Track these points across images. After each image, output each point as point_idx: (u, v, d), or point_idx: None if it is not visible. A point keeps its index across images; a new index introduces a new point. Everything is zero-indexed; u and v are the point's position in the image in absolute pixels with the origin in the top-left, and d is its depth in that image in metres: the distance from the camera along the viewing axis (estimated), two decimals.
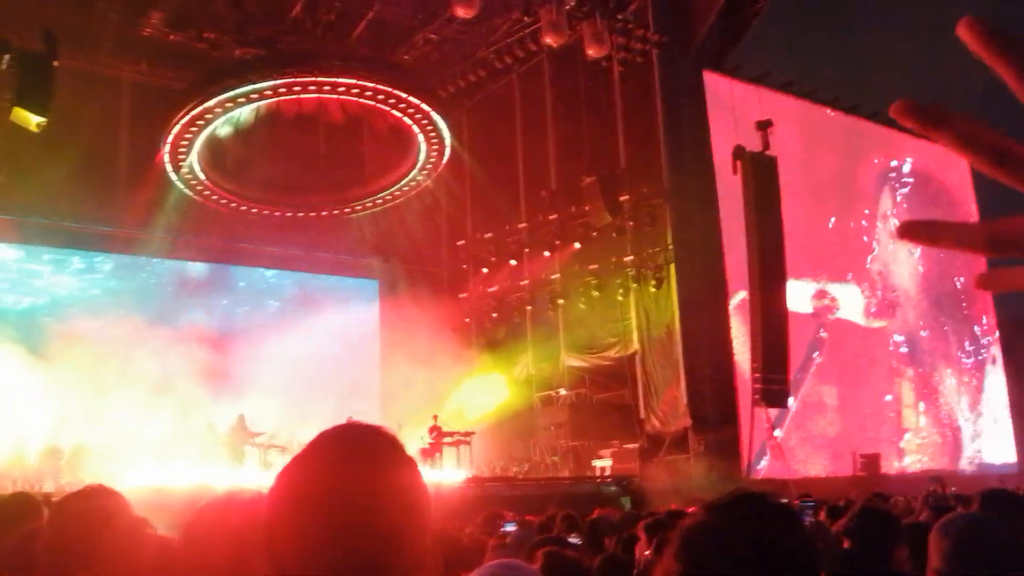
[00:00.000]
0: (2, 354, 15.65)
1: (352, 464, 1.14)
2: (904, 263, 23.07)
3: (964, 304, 24.30)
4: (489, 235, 21.63)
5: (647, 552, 5.01)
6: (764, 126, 17.51)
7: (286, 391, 17.85)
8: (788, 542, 1.35)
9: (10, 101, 13.62)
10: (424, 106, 18.65)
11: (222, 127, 18.79)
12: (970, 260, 24.19)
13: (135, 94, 19.13)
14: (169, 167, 18.95)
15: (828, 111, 22.11)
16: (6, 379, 15.44)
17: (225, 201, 20.27)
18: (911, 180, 24.00)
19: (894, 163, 23.66)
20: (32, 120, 13.50)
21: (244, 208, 20.52)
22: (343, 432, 1.21)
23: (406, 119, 19.14)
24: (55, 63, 13.76)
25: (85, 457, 15.84)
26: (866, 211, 22.60)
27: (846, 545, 3.67)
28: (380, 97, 18.28)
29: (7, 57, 13.44)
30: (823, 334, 20.48)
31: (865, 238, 22.39)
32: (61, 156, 16.46)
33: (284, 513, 1.13)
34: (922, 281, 23.37)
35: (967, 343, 24.18)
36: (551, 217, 20.40)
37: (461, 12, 16.23)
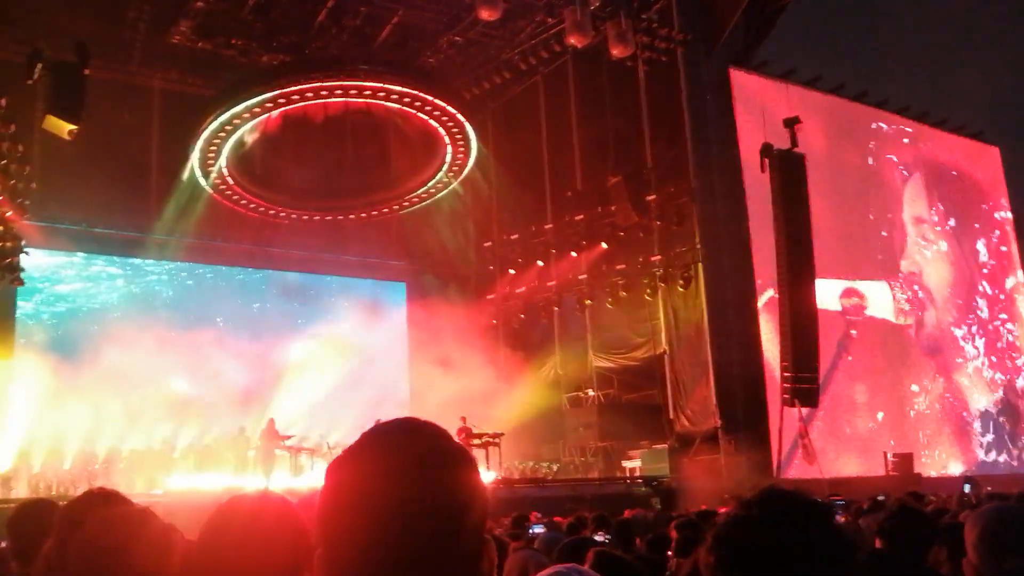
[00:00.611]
0: (37, 359, 15.88)
1: (408, 461, 1.10)
2: (935, 263, 22.73)
3: (997, 304, 23.92)
4: (515, 236, 21.63)
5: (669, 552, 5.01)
6: (791, 123, 17.36)
7: (315, 394, 17.98)
8: (820, 536, 1.35)
9: (43, 109, 13.88)
10: (450, 109, 18.70)
11: (250, 133, 18.99)
12: (998, 263, 23.83)
13: (165, 102, 19.38)
14: (199, 173, 19.17)
15: (856, 106, 21.87)
16: (41, 384, 15.67)
17: (254, 206, 20.46)
18: (941, 175, 23.66)
19: (923, 159, 23.32)
20: (64, 127, 13.74)
21: (272, 212, 20.71)
22: (399, 427, 1.16)
23: (432, 122, 19.21)
24: (86, 72, 13.99)
25: (118, 462, 16.05)
26: (895, 208, 22.33)
27: (878, 544, 3.63)
28: (406, 100, 18.36)
29: (40, 66, 13.71)
30: (853, 332, 20.26)
31: (894, 236, 22.10)
32: (93, 164, 16.70)
33: (339, 511, 1.10)
34: (954, 281, 23.01)
35: (998, 343, 23.78)
36: (577, 217, 20.36)
37: (485, 15, 16.25)
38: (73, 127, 13.78)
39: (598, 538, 5.99)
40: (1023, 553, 2.27)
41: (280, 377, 18.32)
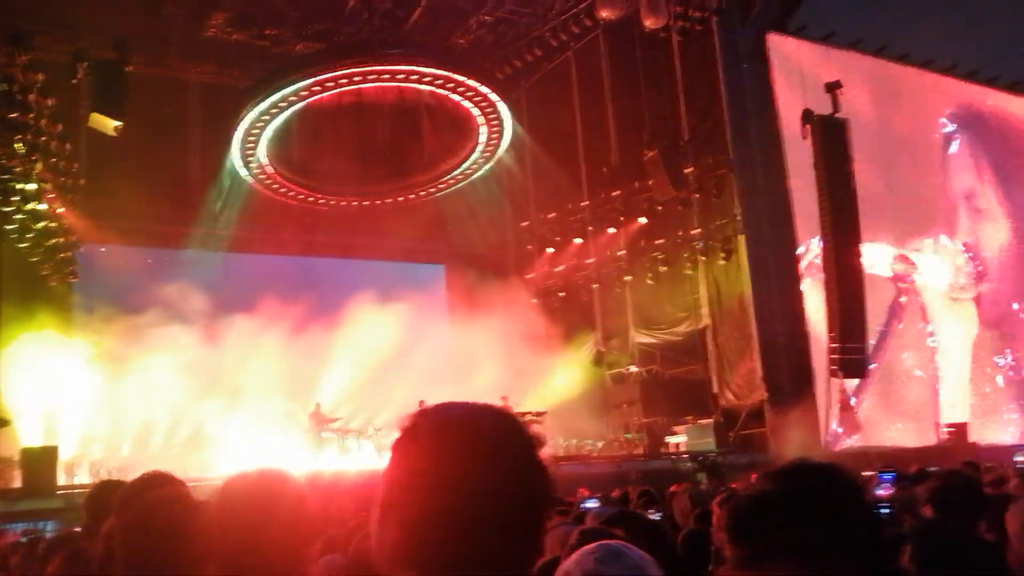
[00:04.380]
0: (94, 351, 16.29)
1: (480, 440, 1.15)
2: (992, 230, 21.93)
3: None
4: (553, 215, 21.55)
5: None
6: (833, 87, 16.97)
7: (359, 378, 18.18)
8: (844, 512, 1.35)
9: (88, 107, 14.18)
10: (482, 89, 18.62)
11: (287, 121, 19.17)
12: None
13: (203, 95, 19.63)
14: (239, 163, 19.42)
15: (900, 68, 21.15)
16: (99, 375, 16.09)
17: (293, 193, 20.64)
18: (994, 136, 22.78)
19: (974, 119, 22.44)
20: (109, 124, 14.04)
21: (311, 200, 20.89)
22: (465, 409, 1.20)
23: (465, 103, 19.15)
24: (127, 69, 14.26)
25: (173, 447, 16.46)
26: (947, 174, 21.61)
27: (928, 512, 3.56)
28: (439, 83, 18.32)
29: (83, 66, 14.00)
30: (903, 299, 19.82)
31: (947, 203, 21.39)
32: (137, 158, 17.07)
33: (417, 488, 1.13)
34: (1013, 248, 22.19)
35: None
36: (614, 193, 20.22)
37: None
38: (118, 123, 14.09)
39: (652, 516, 5.96)
40: None
41: (325, 362, 18.54)
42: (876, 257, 18.51)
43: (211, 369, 16.91)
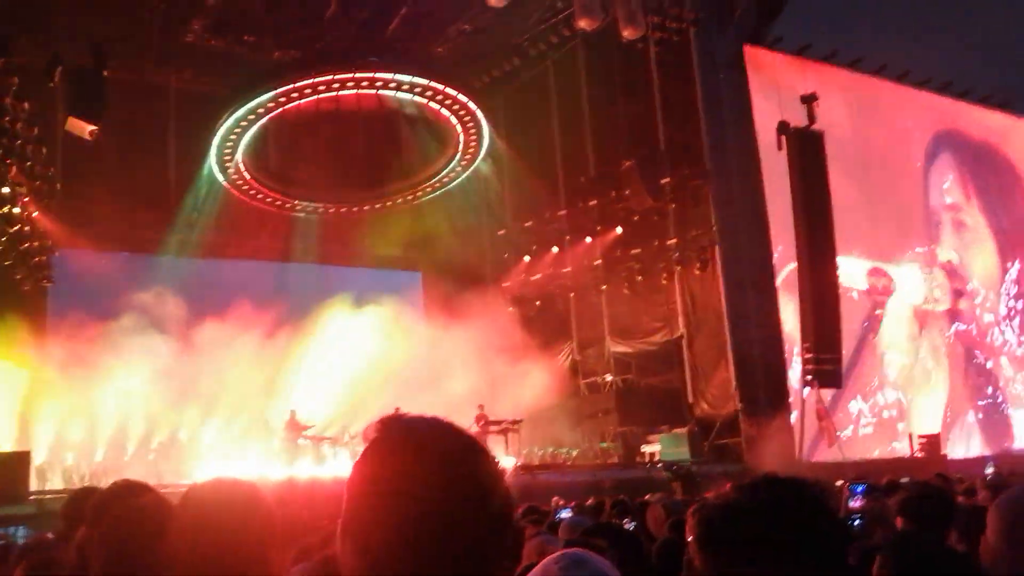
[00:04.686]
0: (67, 355, 16.10)
1: (431, 453, 1.15)
2: (969, 245, 22.07)
3: None
4: (530, 223, 21.58)
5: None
6: (809, 100, 17.17)
7: (335, 385, 18.10)
8: (811, 526, 1.37)
9: (64, 112, 14.08)
10: (460, 97, 18.64)
11: (264, 128, 19.11)
12: None
13: (181, 101, 19.48)
14: (216, 169, 19.32)
15: (876, 81, 21.36)
16: (72, 379, 15.91)
17: (270, 200, 20.54)
18: (970, 152, 22.99)
19: (950, 134, 22.66)
20: (85, 128, 13.94)
21: (288, 206, 20.79)
22: (414, 423, 1.21)
23: (443, 111, 19.16)
24: (105, 74, 14.17)
25: (147, 454, 16.33)
26: (924, 189, 21.80)
27: (900, 524, 3.60)
28: (417, 91, 18.32)
29: (59, 70, 13.90)
30: (879, 312, 20.01)
31: (924, 217, 21.55)
32: (114, 163, 16.96)
33: (367, 503, 1.14)
34: (990, 264, 22.34)
35: None
36: (591, 203, 20.28)
37: (493, 2, 16.17)
38: (94, 128, 14.00)
39: (627, 525, 5.97)
40: None
41: (301, 369, 18.47)
42: (851, 269, 18.70)
43: (186, 375, 16.80)
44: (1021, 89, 25.34)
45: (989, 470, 13.55)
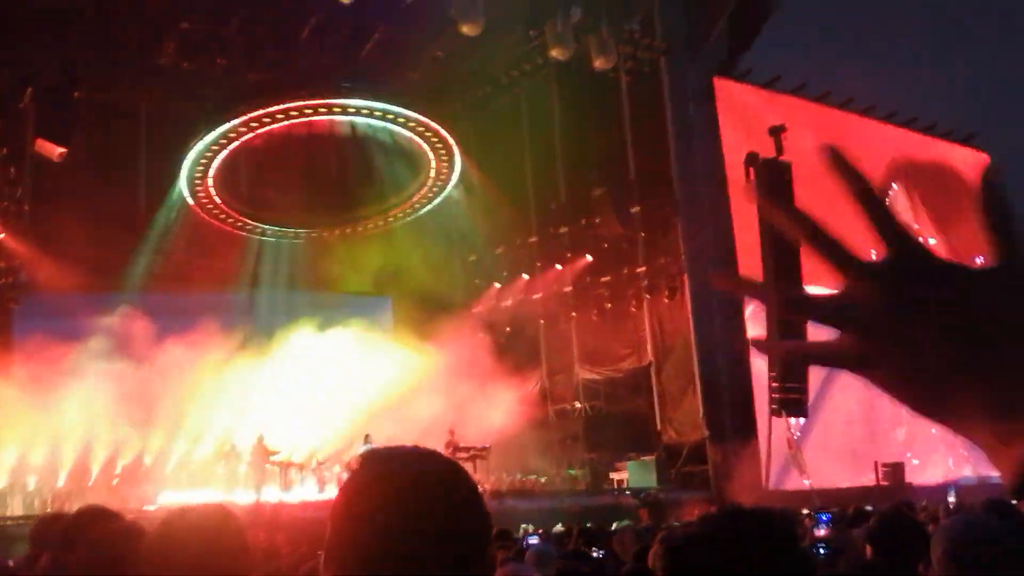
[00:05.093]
0: (30, 379, 15.82)
1: (414, 486, 1.17)
2: None
3: None
4: (501, 250, 21.63)
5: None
6: (777, 131, 17.40)
7: (304, 410, 17.93)
8: (773, 558, 1.40)
9: (33, 133, 13.96)
10: (432, 124, 18.71)
11: (235, 151, 19.03)
12: None
13: (153, 123, 19.32)
14: (186, 192, 19.19)
15: (842, 114, 21.73)
16: (34, 403, 15.60)
17: (241, 224, 20.42)
18: (931, 185, 23.45)
19: (912, 167, 23.10)
20: (55, 150, 13.82)
21: (259, 230, 20.70)
22: (402, 455, 1.23)
23: (415, 137, 19.21)
24: (75, 95, 14.09)
25: (110, 479, 16.05)
26: None
27: (869, 554, 3.61)
28: (389, 117, 18.37)
29: (29, 91, 13.79)
30: None
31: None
32: (83, 185, 16.80)
33: (352, 533, 1.16)
34: None
35: None
36: (562, 230, 20.40)
37: (467, 30, 16.30)
38: (63, 150, 13.87)
39: (595, 554, 5.97)
40: (988, 567, 2.19)
41: (269, 394, 18.26)
42: None
43: (152, 399, 16.59)
44: (980, 125, 26.03)
45: (951, 497, 13.71)
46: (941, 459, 21.30)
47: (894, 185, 22.65)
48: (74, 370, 15.67)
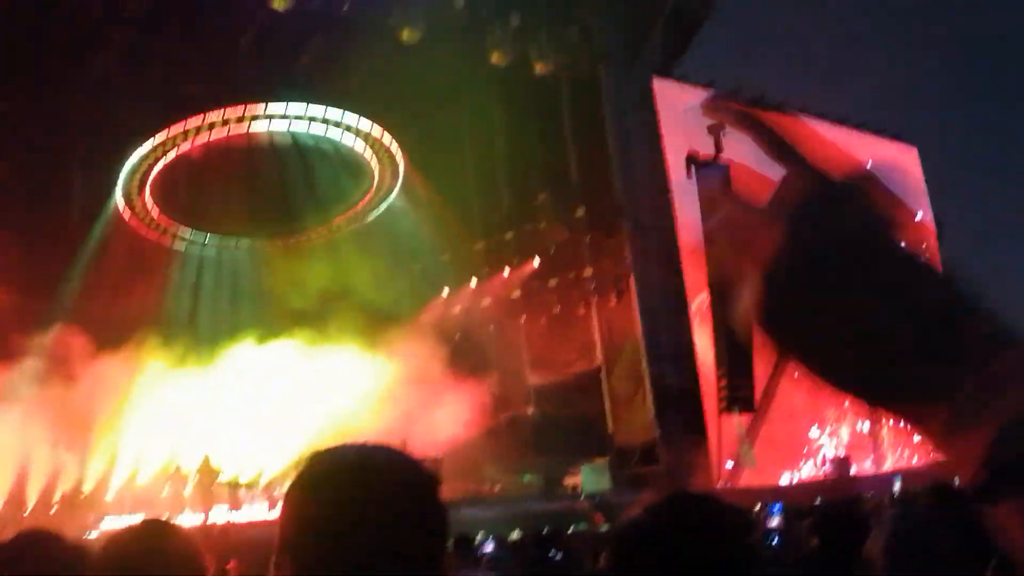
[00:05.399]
0: None
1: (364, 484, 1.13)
2: None
3: None
4: (447, 257, 21.54)
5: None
6: (716, 131, 17.64)
7: (250, 428, 17.60)
8: (716, 544, 1.39)
9: None
10: (373, 131, 18.58)
11: (174, 161, 18.69)
12: None
13: (88, 132, 18.84)
14: (122, 204, 18.76)
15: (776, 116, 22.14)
16: None
17: (178, 234, 20.02)
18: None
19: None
20: None
21: (199, 241, 20.32)
22: (351, 452, 1.20)
23: (358, 146, 19.06)
24: (3, 105, 13.69)
25: (48, 508, 15.53)
26: None
27: (815, 543, 3.68)
28: (331, 122, 18.20)
29: None
30: None
31: None
32: (16, 196, 16.33)
33: (303, 535, 1.12)
34: None
35: None
36: (507, 235, 20.39)
37: (407, 36, 16.24)
38: None
39: (554, 558, 5.96)
40: (926, 558, 2.22)
41: (214, 412, 17.88)
42: None
43: (90, 421, 16.11)
44: (909, 119, 26.82)
45: (897, 486, 14.01)
46: (888, 447, 21.79)
47: None
48: (7, 392, 15.15)
